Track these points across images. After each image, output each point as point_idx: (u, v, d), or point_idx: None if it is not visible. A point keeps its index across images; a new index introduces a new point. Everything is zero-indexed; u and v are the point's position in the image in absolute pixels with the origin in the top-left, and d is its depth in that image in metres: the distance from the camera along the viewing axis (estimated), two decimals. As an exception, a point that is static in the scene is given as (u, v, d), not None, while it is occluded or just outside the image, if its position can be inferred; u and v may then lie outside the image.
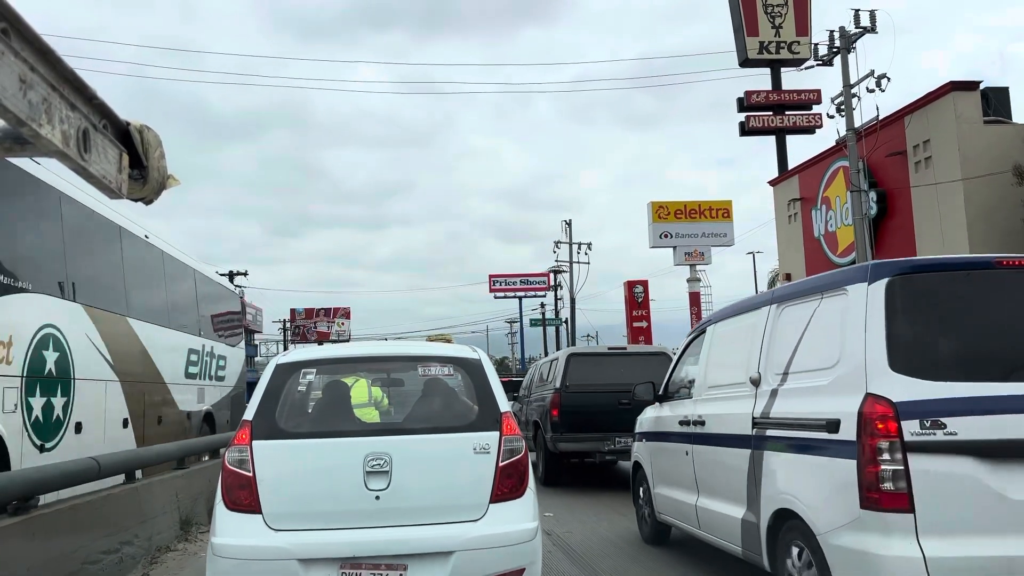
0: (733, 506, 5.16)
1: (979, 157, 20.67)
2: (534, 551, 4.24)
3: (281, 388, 4.52)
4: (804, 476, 4.32)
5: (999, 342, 4.09)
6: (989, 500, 3.63)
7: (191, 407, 11.74)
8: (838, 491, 3.94)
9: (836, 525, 3.94)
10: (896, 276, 4.10)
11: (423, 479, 4.22)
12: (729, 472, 5.21)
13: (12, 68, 1.98)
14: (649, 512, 7.09)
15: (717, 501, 5.48)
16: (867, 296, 4.08)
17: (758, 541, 4.75)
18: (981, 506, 3.63)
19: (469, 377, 4.71)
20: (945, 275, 4.29)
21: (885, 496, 3.69)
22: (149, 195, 2.99)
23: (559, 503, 9.88)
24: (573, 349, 13.70)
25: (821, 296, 4.62)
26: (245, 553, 4.01)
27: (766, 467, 4.69)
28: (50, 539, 5.26)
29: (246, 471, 4.12)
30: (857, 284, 4.23)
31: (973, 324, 4.12)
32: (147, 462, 7.49)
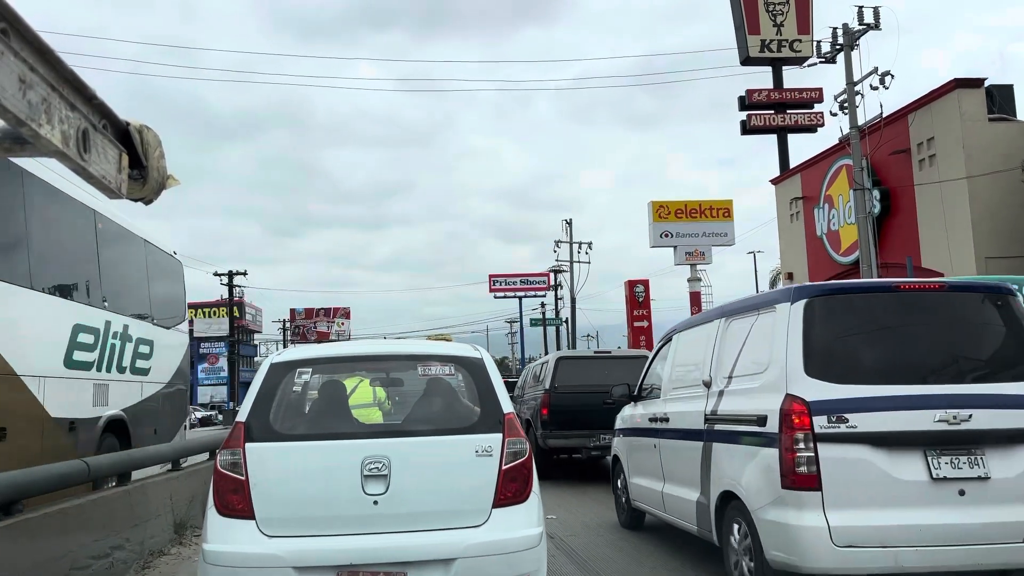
0: (690, 491, 5.96)
1: (984, 155, 20.49)
2: (539, 558, 4.09)
3: (276, 388, 4.36)
4: (742, 463, 5.08)
5: (893, 352, 4.94)
6: (880, 479, 4.46)
7: (79, 412, 8.02)
8: (766, 475, 4.75)
9: (765, 503, 4.75)
10: (813, 297, 4.97)
11: (423, 483, 4.06)
12: (687, 462, 6.02)
13: (12, 68, 1.98)
14: (626, 500, 7.92)
15: (678, 487, 6.29)
16: (789, 314, 4.91)
17: (709, 520, 5.57)
18: (874, 484, 4.46)
19: (471, 377, 4.55)
20: (854, 296, 5.27)
21: (800, 478, 4.51)
22: (149, 195, 2.96)
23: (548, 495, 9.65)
24: (562, 353, 14.72)
25: (758, 313, 5.45)
26: (237, 561, 3.86)
27: (714, 456, 5.52)
28: (36, 544, 5.09)
29: (238, 475, 3.97)
30: (783, 303, 5.05)
31: (874, 337, 4.99)
32: (140, 464, 7.31)
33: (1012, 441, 4.59)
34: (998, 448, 4.57)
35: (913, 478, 4.50)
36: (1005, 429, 4.60)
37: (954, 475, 4.50)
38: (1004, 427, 4.61)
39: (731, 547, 5.23)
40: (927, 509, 4.45)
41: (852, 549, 4.40)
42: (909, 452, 4.53)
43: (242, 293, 62.71)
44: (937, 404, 4.59)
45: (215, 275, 56.40)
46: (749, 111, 35.41)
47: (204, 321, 66.75)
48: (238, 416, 4.28)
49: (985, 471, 4.51)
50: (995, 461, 4.54)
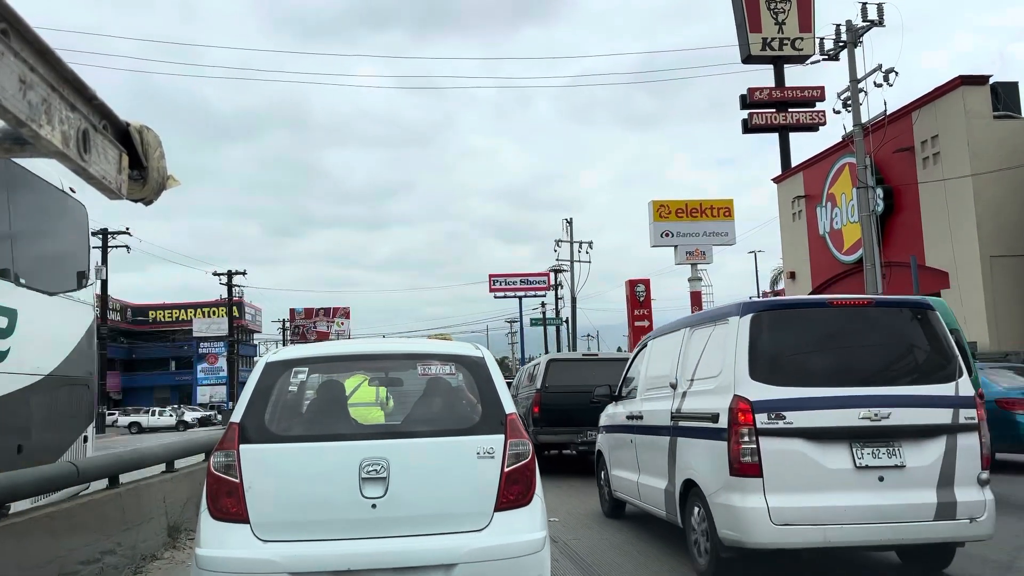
0: (659, 480, 6.66)
1: (989, 152, 20.33)
2: (542, 563, 3.96)
3: (271, 388, 4.22)
4: (699, 454, 5.82)
5: (826, 359, 5.71)
6: (812, 468, 5.16)
7: None
8: (717, 464, 5.43)
9: (717, 488, 5.45)
10: (758, 312, 5.69)
11: (423, 486, 3.93)
12: (657, 455, 6.72)
13: (12, 68, 1.98)
14: (608, 491, 8.63)
15: (650, 478, 6.96)
16: (738, 326, 5.61)
17: (675, 506, 6.28)
18: (807, 472, 5.16)
19: (472, 376, 4.41)
20: (793, 311, 6.05)
21: (744, 466, 5.21)
22: (149, 195, 2.96)
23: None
24: (553, 355, 15.60)
25: (714, 324, 6.14)
26: (231, 566, 3.73)
27: (679, 450, 6.27)
28: (22, 549, 4.92)
29: (232, 477, 3.85)
30: (733, 317, 5.76)
31: (809, 346, 5.76)
32: (131, 465, 7.13)
33: (924, 435, 5.32)
34: (912, 441, 5.30)
35: (840, 467, 5.20)
36: (919, 425, 5.34)
37: (875, 464, 5.23)
38: (918, 423, 5.34)
39: (691, 528, 5.96)
40: (851, 493, 5.16)
41: (788, 527, 5.11)
42: (837, 445, 5.25)
43: (241, 293, 62.63)
44: (861, 404, 5.29)
45: (214, 275, 56.32)
46: (750, 109, 35.28)
47: (204, 321, 66.66)
48: (232, 417, 4.16)
49: (901, 460, 5.25)
50: (910, 452, 5.27)
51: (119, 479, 6.94)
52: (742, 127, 35.44)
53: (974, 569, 5.82)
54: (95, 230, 41.11)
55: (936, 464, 5.28)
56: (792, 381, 5.41)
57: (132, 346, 67.72)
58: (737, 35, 35.79)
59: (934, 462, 5.29)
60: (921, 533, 5.24)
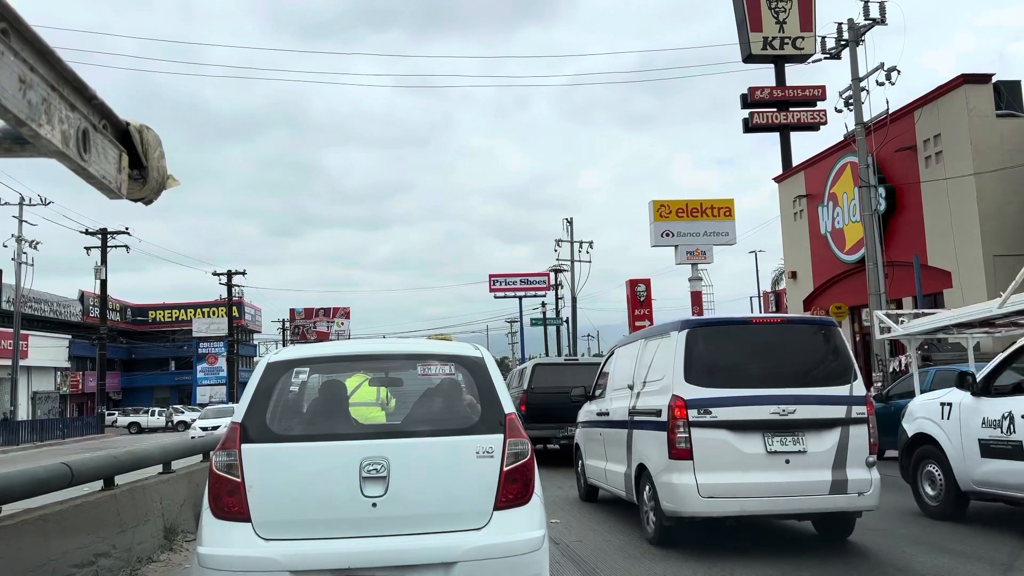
0: (620, 466, 7.95)
1: (991, 151, 20.23)
2: (541, 561, 4.00)
3: (273, 388, 4.26)
4: (649, 443, 7.05)
5: (745, 366, 6.88)
6: (732, 452, 6.42)
7: None
8: (660, 450, 6.68)
9: (660, 469, 6.72)
10: (693, 328, 7.04)
11: (423, 485, 3.96)
12: (618, 445, 8.01)
13: (12, 68, 1.98)
14: (583, 479, 10.03)
15: (614, 464, 8.23)
16: (677, 339, 6.95)
17: (632, 486, 7.55)
18: (728, 455, 6.41)
19: (471, 376, 4.44)
20: (720, 327, 7.34)
21: (679, 451, 6.48)
22: (149, 195, 2.97)
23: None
24: (538, 360, 17.78)
25: (661, 337, 7.46)
26: (233, 564, 3.76)
27: (634, 440, 7.52)
28: (13, 552, 4.83)
29: (234, 476, 3.89)
30: (673, 332, 7.10)
31: (732, 355, 6.97)
32: (126, 467, 7.04)
33: (823, 427, 6.57)
34: (813, 431, 6.55)
35: (754, 451, 6.45)
36: (818, 419, 6.57)
37: (782, 450, 6.48)
38: (817, 417, 6.58)
39: (644, 503, 7.23)
40: (763, 472, 6.41)
41: (712, 499, 6.38)
42: (752, 434, 6.48)
43: (241, 293, 62.60)
44: (772, 402, 6.53)
45: (214, 275, 56.27)
46: (751, 109, 35.20)
47: (203, 321, 66.55)
48: (234, 416, 4.20)
49: (803, 447, 6.49)
50: (811, 440, 6.53)
51: (115, 480, 6.86)
52: (743, 126, 35.35)
53: (974, 569, 5.91)
54: (95, 230, 41.09)
55: (832, 450, 6.54)
56: (718, 383, 6.67)
57: (132, 346, 67.61)
58: (738, 34, 35.71)
59: (830, 448, 6.54)
60: (818, 504, 6.54)
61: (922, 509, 8.23)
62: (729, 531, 7.23)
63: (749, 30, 35.03)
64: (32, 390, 47.83)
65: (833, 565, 6.15)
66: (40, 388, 49.42)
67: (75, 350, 53.89)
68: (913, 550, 6.57)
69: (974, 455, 7.50)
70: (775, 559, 6.41)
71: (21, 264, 37.96)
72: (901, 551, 6.55)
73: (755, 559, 6.43)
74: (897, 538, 7.07)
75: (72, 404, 54.85)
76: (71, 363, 53.89)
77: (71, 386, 54.26)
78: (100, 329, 43.89)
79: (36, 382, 48.82)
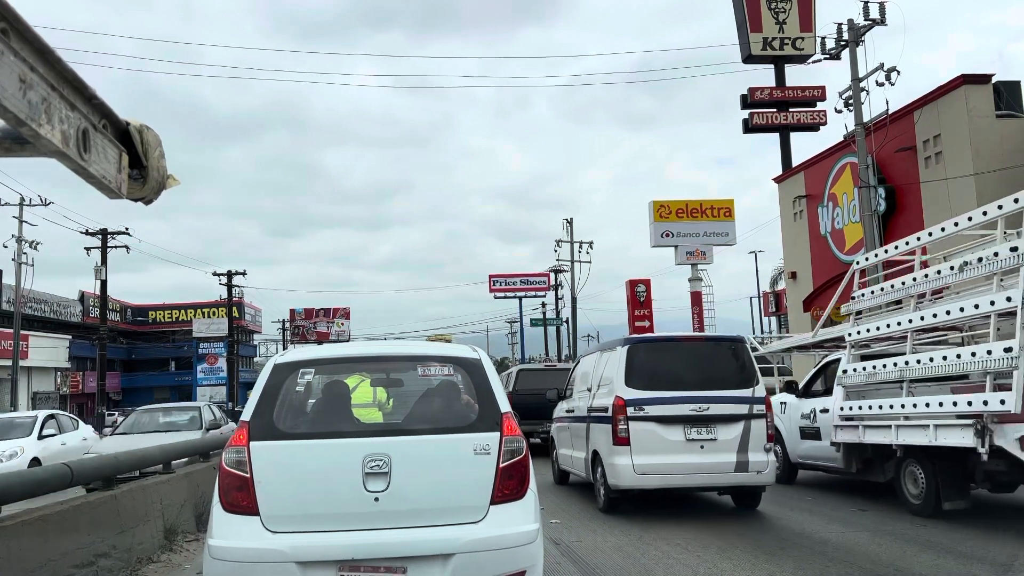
0: (581, 453, 9.83)
1: (991, 152, 20.21)
2: (535, 554, 4.19)
3: (279, 388, 4.47)
4: (600, 433, 8.93)
5: (672, 373, 8.71)
6: (659, 440, 8.29)
7: None
8: (607, 438, 8.51)
9: (607, 453, 8.59)
10: (634, 344, 9.05)
11: (423, 480, 4.15)
12: (580, 436, 9.93)
13: (12, 68, 1.98)
14: (556, 466, 11.97)
15: (578, 452, 10.07)
16: (621, 352, 8.92)
17: (589, 468, 9.45)
18: (656, 442, 8.26)
19: (469, 377, 4.65)
20: (653, 343, 9.41)
21: (620, 439, 8.32)
22: (149, 195, 2.99)
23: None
24: (522, 366, 22.35)
25: (612, 350, 9.38)
26: (242, 555, 3.95)
27: (590, 431, 9.40)
28: (13, 552, 4.83)
29: (243, 472, 4.08)
30: (619, 346, 9.11)
31: (663, 365, 8.83)
32: (126, 467, 7.04)
33: (730, 420, 8.47)
34: (723, 424, 8.45)
35: (676, 439, 8.37)
36: (726, 414, 8.47)
37: (698, 438, 8.40)
38: (726, 413, 8.46)
39: (596, 481, 9.16)
40: (683, 455, 8.31)
41: (644, 476, 8.31)
42: (675, 426, 8.41)
43: (241, 293, 62.45)
44: (692, 401, 8.43)
45: (214, 275, 56.19)
46: (751, 109, 35.16)
47: (203, 321, 66.47)
48: (243, 415, 4.39)
49: (715, 436, 8.40)
50: (721, 430, 8.42)
51: (115, 481, 6.86)
52: (743, 127, 35.34)
53: (974, 569, 5.92)
54: (95, 230, 41.06)
55: (737, 438, 8.42)
56: (650, 387, 8.57)
57: (132, 346, 67.57)
58: (738, 35, 35.69)
59: (735, 437, 8.42)
60: (726, 480, 8.45)
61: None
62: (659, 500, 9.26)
63: (749, 30, 35.01)
64: (32, 390, 47.84)
65: (834, 565, 6.15)
66: (40, 388, 49.43)
67: (75, 350, 53.87)
68: (913, 550, 6.58)
69: (796, 438, 10.64)
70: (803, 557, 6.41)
71: (21, 264, 37.94)
72: (901, 551, 6.55)
73: (767, 554, 6.44)
74: (897, 538, 7.08)
75: (72, 404, 54.81)
76: (71, 363, 53.87)
77: (71, 386, 54.24)
78: (100, 329, 43.80)
79: (36, 382, 48.82)
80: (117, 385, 62.60)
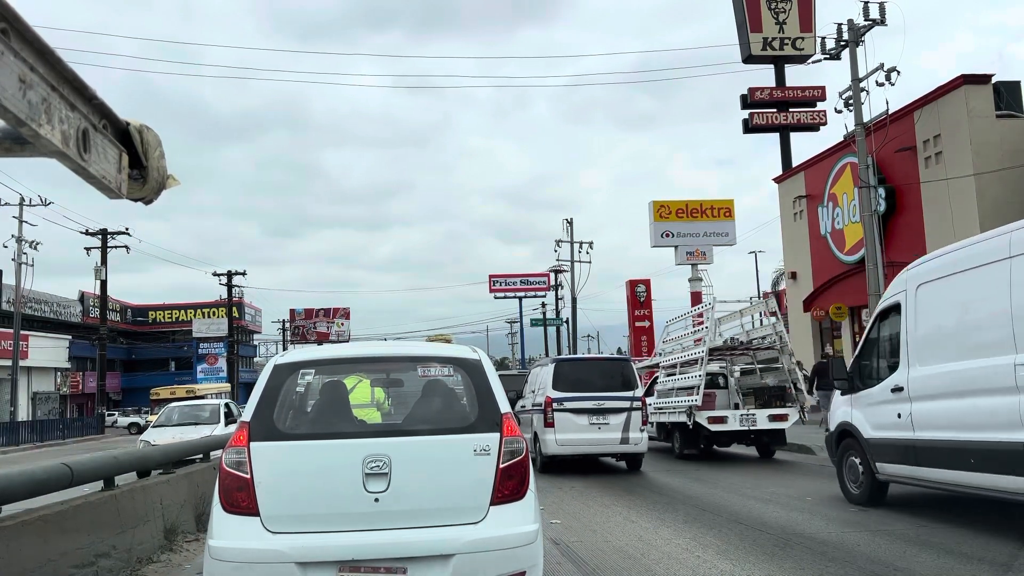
0: (528, 434, 13.18)
1: (991, 152, 20.22)
2: (535, 554, 4.20)
3: (279, 389, 4.47)
4: (537, 420, 13.67)
5: (582, 382, 13.52)
6: (573, 423, 13.18)
7: None
8: (541, 423, 13.44)
9: (541, 433, 13.46)
10: (559, 361, 14.64)
11: (423, 481, 4.16)
12: (527, 422, 14.07)
13: (11, 68, 1.98)
14: None
15: (526, 433, 12.01)
16: (551, 366, 14.04)
17: (531, 444, 13.01)
18: (570, 425, 13.15)
19: (469, 378, 4.64)
20: (573, 361, 15.87)
21: (548, 423, 13.38)
22: (149, 195, 2.99)
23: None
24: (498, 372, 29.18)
25: (547, 365, 14.41)
26: (243, 556, 3.96)
27: (533, 419, 13.95)
28: (13, 552, 4.83)
29: (244, 473, 4.08)
30: (550, 363, 14.33)
31: (577, 375, 13.73)
32: (127, 467, 7.03)
33: (617, 412, 13.06)
34: (612, 414, 13.07)
35: (584, 423, 13.04)
36: (615, 407, 13.08)
37: (597, 422, 13.05)
38: (615, 407, 13.09)
39: (536, 451, 13.04)
40: (588, 433, 13.00)
41: (563, 446, 13.07)
42: (583, 414, 13.08)
43: (241, 293, 62.50)
44: (593, 399, 13.15)
45: (214, 275, 56.22)
46: (751, 109, 35.18)
47: (203, 321, 66.48)
48: (243, 416, 4.38)
49: (607, 421, 13.05)
50: (611, 418, 13.07)
51: (115, 481, 6.85)
52: (743, 127, 35.35)
53: (974, 569, 5.93)
54: (95, 230, 41.07)
55: (621, 423, 13.00)
56: (569, 390, 13.22)
57: (132, 346, 67.58)
58: (738, 35, 35.71)
59: (621, 422, 13.01)
60: (614, 449, 13.25)
61: (674, 452, 15.99)
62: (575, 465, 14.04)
63: (749, 31, 35.03)
64: (32, 391, 47.83)
65: (834, 565, 6.16)
66: (40, 388, 49.42)
67: (75, 350, 53.87)
68: (913, 550, 6.58)
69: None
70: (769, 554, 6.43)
71: (21, 264, 37.94)
72: (901, 551, 6.55)
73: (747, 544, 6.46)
74: (897, 538, 7.08)
75: (72, 404, 54.82)
76: (71, 363, 53.87)
77: (71, 387, 54.24)
78: (100, 329, 43.85)
79: (36, 382, 48.82)
80: (117, 385, 62.62)
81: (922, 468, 7.55)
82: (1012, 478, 6.28)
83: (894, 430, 7.91)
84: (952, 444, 7.01)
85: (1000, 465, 6.41)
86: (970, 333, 6.96)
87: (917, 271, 8.39)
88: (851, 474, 8.94)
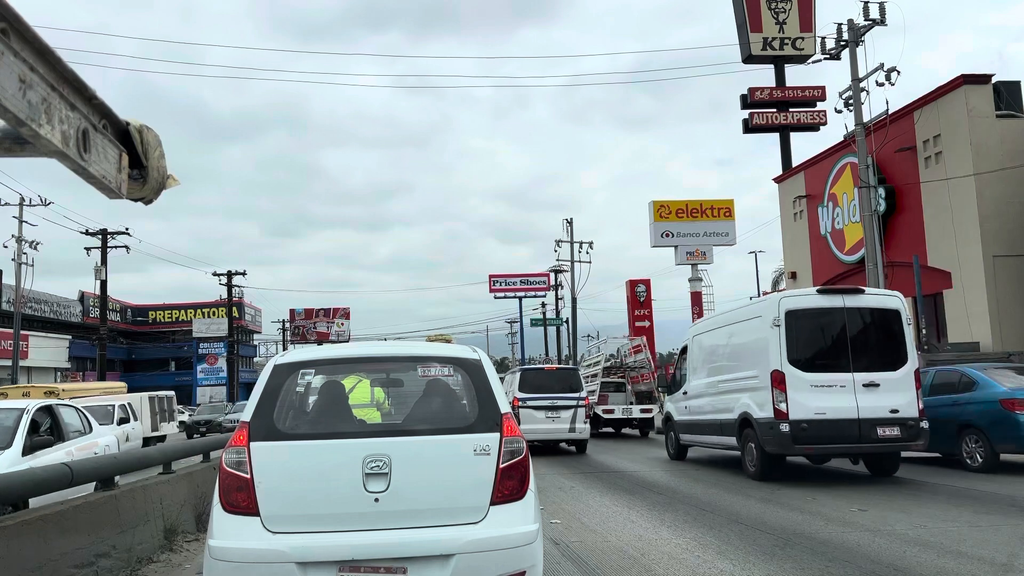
0: None
1: (991, 152, 20.22)
2: (535, 554, 4.20)
3: (279, 389, 4.48)
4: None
5: (540, 386, 18.79)
6: (535, 416, 18.02)
7: None
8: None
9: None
10: (524, 370, 20.50)
11: (423, 481, 4.17)
12: None
13: (12, 68, 1.99)
14: None
15: None
16: (518, 373, 20.18)
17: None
18: (534, 417, 18.06)
19: (469, 378, 4.65)
20: (535, 370, 20.73)
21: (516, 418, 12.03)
22: (149, 195, 3.00)
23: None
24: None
25: (516, 373, 20.67)
26: (243, 556, 3.97)
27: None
28: (12, 552, 4.83)
29: (244, 473, 4.09)
30: (518, 371, 20.65)
31: (537, 382, 19.02)
32: (126, 467, 7.03)
33: (567, 408, 18.12)
34: (564, 410, 18.10)
35: (541, 417, 18.00)
36: (567, 405, 18.15)
37: (551, 416, 18.09)
38: (567, 404, 18.16)
39: None
40: (544, 424, 17.93)
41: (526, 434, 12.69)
42: (541, 410, 18.06)
43: (241, 293, 62.41)
44: (552, 399, 18.22)
45: (214, 275, 56.19)
46: (751, 109, 35.16)
47: (203, 321, 66.48)
48: (243, 416, 4.37)
49: (560, 416, 18.03)
50: (562, 413, 18.05)
51: (115, 481, 6.86)
52: (743, 127, 35.34)
53: (974, 569, 5.94)
54: (95, 230, 41.05)
55: (570, 416, 17.92)
56: (531, 391, 18.20)
57: (132, 346, 67.57)
58: (738, 35, 35.70)
59: (569, 415, 17.94)
60: (564, 436, 18.13)
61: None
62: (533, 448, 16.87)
63: (749, 31, 35.02)
64: (32, 391, 47.83)
65: (834, 565, 6.16)
66: (40, 389, 49.42)
67: (75, 350, 53.88)
68: (913, 550, 6.58)
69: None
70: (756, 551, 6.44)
71: (21, 264, 37.94)
72: (901, 551, 6.55)
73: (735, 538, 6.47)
74: (897, 538, 7.08)
75: (72, 405, 54.80)
76: (71, 363, 53.88)
77: (71, 386, 54.26)
78: (100, 329, 43.81)
79: (36, 382, 48.81)
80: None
81: (695, 435, 14.54)
82: (728, 438, 12.60)
83: (686, 415, 14.92)
84: (706, 421, 13.75)
85: (723, 430, 12.78)
86: (714, 361, 13.80)
87: (695, 327, 15.74)
88: (670, 441, 16.02)
